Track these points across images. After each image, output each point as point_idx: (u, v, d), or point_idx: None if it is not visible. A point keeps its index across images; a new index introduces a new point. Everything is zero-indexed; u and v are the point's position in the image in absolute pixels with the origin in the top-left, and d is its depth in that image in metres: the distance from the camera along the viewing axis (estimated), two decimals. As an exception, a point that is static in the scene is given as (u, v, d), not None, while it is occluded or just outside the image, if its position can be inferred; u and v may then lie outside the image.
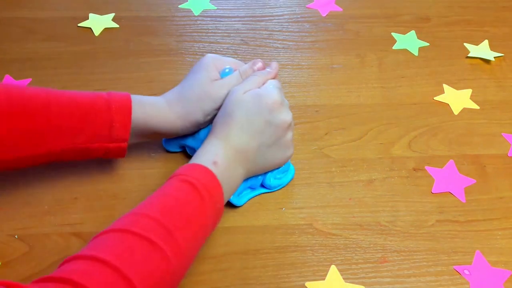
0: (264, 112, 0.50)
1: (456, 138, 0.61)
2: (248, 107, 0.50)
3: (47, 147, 0.49)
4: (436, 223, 0.54)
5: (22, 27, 0.72)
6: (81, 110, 0.49)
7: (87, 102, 0.50)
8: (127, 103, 0.51)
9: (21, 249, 0.50)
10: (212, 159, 0.48)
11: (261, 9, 0.76)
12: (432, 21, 0.75)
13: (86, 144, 0.50)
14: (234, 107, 0.50)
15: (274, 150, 0.52)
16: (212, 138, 0.51)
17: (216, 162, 0.48)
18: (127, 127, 0.50)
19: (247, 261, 0.50)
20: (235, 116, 0.50)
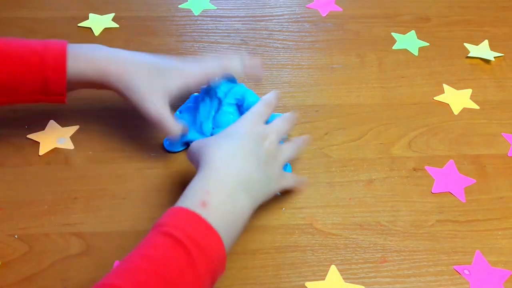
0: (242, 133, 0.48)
1: (456, 138, 0.61)
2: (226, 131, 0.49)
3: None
4: (436, 223, 0.54)
5: (22, 27, 0.72)
6: (15, 68, 0.50)
7: (21, 58, 0.50)
8: (62, 59, 0.50)
9: (21, 249, 0.50)
10: (200, 199, 0.41)
11: (261, 9, 0.76)
12: (432, 21, 0.75)
13: (24, 98, 0.52)
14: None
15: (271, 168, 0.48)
16: (199, 170, 0.44)
17: (206, 203, 0.40)
18: (63, 85, 0.51)
19: (247, 261, 0.50)
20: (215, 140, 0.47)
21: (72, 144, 0.59)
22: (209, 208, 0.40)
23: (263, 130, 0.49)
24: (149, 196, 0.55)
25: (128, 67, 0.52)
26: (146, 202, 0.54)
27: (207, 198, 0.41)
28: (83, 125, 0.60)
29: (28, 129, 0.59)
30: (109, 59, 0.52)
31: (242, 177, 0.44)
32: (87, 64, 0.52)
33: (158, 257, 0.37)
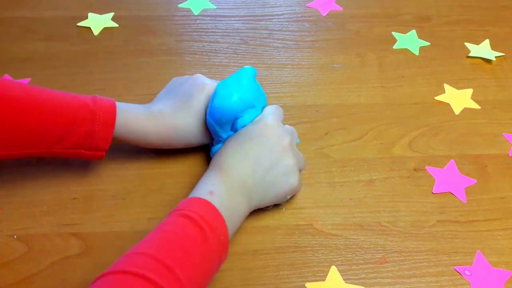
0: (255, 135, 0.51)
1: (457, 138, 0.61)
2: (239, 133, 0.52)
3: (22, 150, 0.49)
4: (437, 223, 0.54)
5: (21, 26, 0.71)
6: (65, 118, 0.49)
7: (72, 110, 0.49)
8: (112, 116, 0.50)
9: (20, 249, 0.50)
10: (209, 189, 0.47)
11: (261, 9, 0.76)
12: (433, 20, 0.75)
13: (63, 150, 0.50)
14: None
15: (274, 174, 0.50)
16: (208, 169, 0.50)
17: (213, 192, 0.46)
18: (108, 140, 0.51)
19: (247, 262, 0.50)
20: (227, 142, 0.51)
21: (72, 144, 0.58)
22: (215, 197, 0.46)
23: (277, 132, 0.51)
24: (149, 196, 0.55)
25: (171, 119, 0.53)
26: (146, 202, 0.54)
27: (213, 189, 0.47)
28: (83, 125, 0.60)
29: (27, 129, 0.59)
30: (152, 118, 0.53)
31: (239, 181, 0.49)
32: (136, 124, 0.52)
33: (179, 232, 0.42)
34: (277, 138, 0.51)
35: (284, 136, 0.51)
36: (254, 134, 0.51)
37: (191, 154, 0.58)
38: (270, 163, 0.50)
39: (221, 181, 0.48)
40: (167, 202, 0.54)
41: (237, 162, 0.49)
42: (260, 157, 0.50)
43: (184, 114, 0.54)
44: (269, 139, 0.50)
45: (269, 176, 0.50)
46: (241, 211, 0.49)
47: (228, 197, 0.47)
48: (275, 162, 0.50)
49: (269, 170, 0.49)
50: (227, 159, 0.50)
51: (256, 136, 0.51)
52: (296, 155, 0.52)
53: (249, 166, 0.49)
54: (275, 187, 0.50)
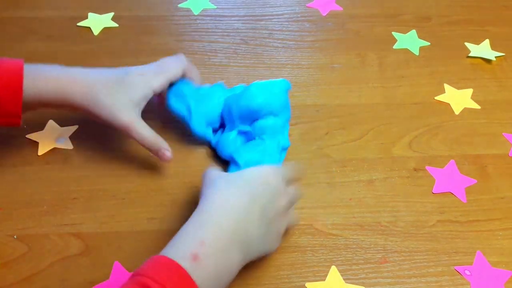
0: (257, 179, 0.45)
1: (457, 138, 0.61)
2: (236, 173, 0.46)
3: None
4: (437, 223, 0.54)
5: (21, 26, 0.71)
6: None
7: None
8: (17, 78, 0.48)
9: (20, 249, 0.50)
10: (192, 250, 0.37)
11: (261, 8, 0.76)
12: (433, 20, 0.75)
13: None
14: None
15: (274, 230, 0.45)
16: (197, 214, 0.42)
17: (198, 256, 0.37)
18: (18, 103, 0.48)
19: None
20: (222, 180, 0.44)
21: (72, 144, 0.58)
22: (200, 262, 0.37)
23: (283, 187, 0.46)
24: (149, 196, 0.55)
25: (91, 85, 0.51)
26: (145, 202, 0.54)
27: (200, 250, 0.38)
28: (82, 125, 0.60)
29: (27, 129, 0.59)
30: (69, 78, 0.51)
31: (239, 233, 0.41)
32: (46, 83, 0.50)
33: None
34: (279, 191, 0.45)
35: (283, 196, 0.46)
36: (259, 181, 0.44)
37: (191, 154, 0.58)
38: (273, 215, 0.44)
39: (213, 234, 0.39)
40: (167, 202, 0.54)
41: (243, 208, 0.42)
42: (266, 206, 0.43)
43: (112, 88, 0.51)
44: (273, 189, 0.44)
45: (269, 230, 0.44)
46: (233, 271, 0.41)
47: (219, 256, 0.39)
48: (277, 216, 0.45)
49: (271, 223, 0.44)
50: (227, 200, 0.42)
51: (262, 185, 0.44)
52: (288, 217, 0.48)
53: (256, 213, 0.42)
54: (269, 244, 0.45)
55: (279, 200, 0.45)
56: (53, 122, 0.60)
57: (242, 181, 0.44)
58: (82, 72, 0.53)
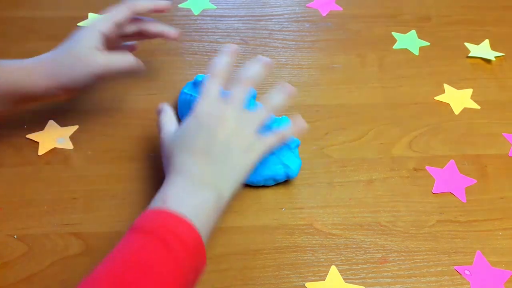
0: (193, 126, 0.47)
1: (456, 138, 0.61)
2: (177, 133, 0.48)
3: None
4: (437, 223, 0.54)
5: (22, 26, 0.71)
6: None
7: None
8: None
9: (20, 249, 0.50)
10: (161, 198, 0.42)
11: (261, 9, 0.76)
12: (433, 20, 0.75)
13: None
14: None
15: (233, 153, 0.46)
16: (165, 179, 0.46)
17: (165, 200, 0.42)
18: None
19: (247, 262, 0.50)
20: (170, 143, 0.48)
21: (72, 144, 0.58)
22: (170, 202, 0.41)
23: (212, 113, 0.47)
24: (149, 196, 0.55)
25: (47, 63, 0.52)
26: (146, 202, 0.54)
27: (166, 196, 0.43)
28: (83, 125, 0.60)
29: (27, 129, 0.59)
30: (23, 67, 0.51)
31: (194, 179, 0.44)
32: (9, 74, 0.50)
33: (133, 249, 0.38)
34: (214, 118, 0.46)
35: (221, 111, 0.46)
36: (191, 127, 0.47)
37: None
38: (220, 145, 0.45)
39: (175, 188, 0.44)
40: (167, 202, 0.54)
41: (187, 162, 0.45)
42: (208, 145, 0.45)
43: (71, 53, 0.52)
44: (207, 124, 0.46)
45: (227, 158, 0.46)
46: (211, 206, 0.44)
47: (187, 199, 0.43)
48: (224, 143, 0.46)
49: (224, 152, 0.45)
50: (176, 163, 0.46)
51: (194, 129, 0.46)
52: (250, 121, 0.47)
53: (202, 158, 0.45)
54: (240, 166, 0.46)
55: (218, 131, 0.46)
56: (53, 122, 0.60)
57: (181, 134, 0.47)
58: (30, 61, 0.52)
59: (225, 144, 0.46)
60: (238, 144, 0.46)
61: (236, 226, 0.53)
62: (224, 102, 0.47)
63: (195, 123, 0.47)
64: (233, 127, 0.46)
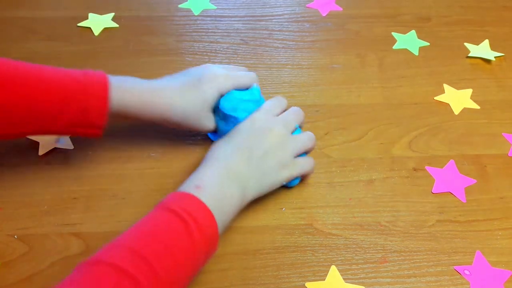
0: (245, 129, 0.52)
1: (456, 138, 0.61)
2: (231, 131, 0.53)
3: (19, 130, 0.49)
4: (437, 223, 0.54)
5: (22, 26, 0.71)
6: (56, 96, 0.48)
7: (63, 87, 0.48)
8: (104, 89, 0.49)
9: (21, 249, 0.50)
10: (195, 184, 0.46)
11: (261, 9, 0.76)
12: (433, 20, 0.75)
13: (60, 128, 0.49)
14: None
15: (269, 164, 0.51)
16: (200, 164, 0.50)
17: (200, 186, 0.46)
18: (103, 115, 0.49)
19: (247, 261, 0.50)
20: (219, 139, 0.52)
21: (72, 144, 0.59)
22: (202, 190, 0.45)
23: (266, 123, 0.52)
24: (149, 196, 0.55)
25: (172, 96, 0.53)
26: (146, 202, 0.54)
27: (200, 183, 0.46)
28: (83, 125, 0.60)
29: (28, 129, 0.59)
30: (152, 92, 0.52)
31: (230, 171, 0.48)
32: (132, 97, 0.51)
33: (161, 225, 0.42)
34: (266, 128, 0.52)
35: (274, 124, 0.52)
36: (244, 128, 0.52)
37: (191, 154, 0.58)
38: (263, 152, 0.50)
39: (211, 173, 0.48)
40: (167, 202, 0.54)
41: (229, 154, 0.50)
42: (253, 147, 0.50)
43: (190, 94, 0.53)
44: (258, 129, 0.52)
45: (264, 165, 0.50)
46: (235, 203, 0.48)
47: (218, 189, 0.47)
48: (267, 151, 0.50)
49: (263, 158, 0.50)
50: (219, 152, 0.50)
51: (246, 130, 0.52)
52: (292, 143, 0.52)
53: (243, 156, 0.50)
54: (271, 176, 0.51)
55: (267, 137, 0.51)
56: (54, 122, 0.60)
57: (232, 134, 0.52)
58: (160, 84, 0.54)
59: (267, 153, 0.50)
60: (276, 158, 0.51)
61: (236, 226, 0.53)
62: (278, 120, 0.53)
63: (248, 126, 0.52)
64: (279, 142, 0.51)
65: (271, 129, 0.52)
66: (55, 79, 0.49)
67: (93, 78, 0.49)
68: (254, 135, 0.51)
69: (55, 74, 0.49)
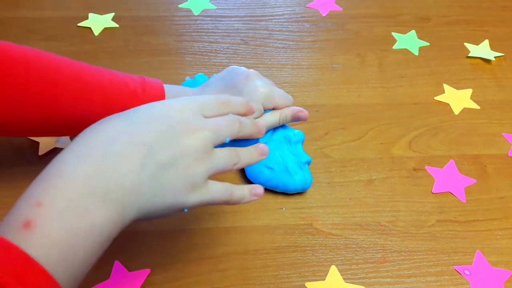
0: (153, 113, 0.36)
1: (456, 138, 0.61)
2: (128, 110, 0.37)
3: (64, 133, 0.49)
4: (437, 223, 0.54)
5: (22, 26, 0.71)
6: (114, 107, 0.45)
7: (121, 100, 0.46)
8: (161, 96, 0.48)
9: (21, 249, 0.50)
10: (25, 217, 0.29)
11: (261, 9, 0.76)
12: (433, 20, 0.75)
13: None
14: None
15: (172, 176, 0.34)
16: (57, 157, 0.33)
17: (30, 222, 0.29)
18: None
19: (247, 261, 0.50)
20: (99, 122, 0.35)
21: (72, 144, 0.58)
22: (35, 230, 0.29)
23: (193, 120, 0.36)
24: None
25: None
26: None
27: (36, 213, 0.30)
28: (83, 125, 0.60)
29: (28, 129, 0.59)
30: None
31: (103, 183, 0.32)
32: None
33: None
34: (188, 127, 0.35)
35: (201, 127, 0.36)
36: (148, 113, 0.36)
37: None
38: (170, 158, 0.34)
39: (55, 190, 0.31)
40: (167, 202, 0.54)
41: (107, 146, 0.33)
42: (155, 146, 0.34)
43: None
44: (174, 124, 0.35)
45: (165, 178, 0.34)
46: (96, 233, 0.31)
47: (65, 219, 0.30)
48: (176, 159, 0.34)
49: (167, 168, 0.34)
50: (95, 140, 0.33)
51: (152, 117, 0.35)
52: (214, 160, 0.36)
53: (135, 154, 0.33)
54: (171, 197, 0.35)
55: (185, 138, 0.35)
56: (54, 122, 0.60)
57: (129, 116, 0.35)
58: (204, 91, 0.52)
59: (175, 161, 0.34)
60: (187, 173, 0.35)
61: (236, 226, 0.53)
62: (209, 124, 0.37)
63: (158, 112, 0.36)
64: (199, 151, 0.35)
65: (193, 131, 0.35)
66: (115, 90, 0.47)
67: (150, 93, 0.47)
68: (164, 129, 0.35)
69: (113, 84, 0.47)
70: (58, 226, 0.29)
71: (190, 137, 0.35)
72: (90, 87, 0.45)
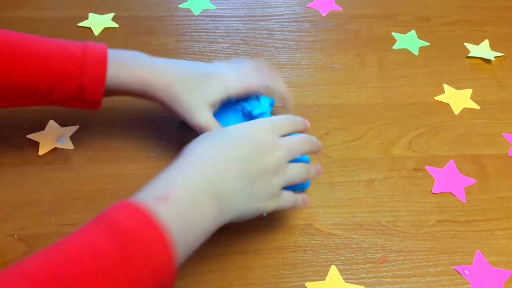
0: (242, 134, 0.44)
1: (456, 138, 0.61)
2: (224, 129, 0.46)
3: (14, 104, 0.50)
4: (437, 223, 0.54)
5: (22, 26, 0.71)
6: (52, 72, 0.47)
7: (59, 64, 0.47)
8: (101, 68, 0.48)
9: (21, 249, 0.50)
10: (159, 193, 0.37)
11: (261, 9, 0.76)
12: (433, 21, 0.75)
13: (56, 103, 0.50)
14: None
15: (258, 187, 0.43)
16: (172, 165, 0.41)
17: (164, 198, 0.36)
18: (100, 94, 0.49)
19: (247, 261, 0.50)
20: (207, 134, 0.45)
21: (72, 144, 0.59)
22: (167, 204, 0.36)
23: (272, 141, 0.44)
24: (149, 196, 0.55)
25: (171, 79, 0.51)
26: (146, 202, 0.54)
27: (166, 193, 0.37)
28: (83, 125, 0.60)
29: (28, 129, 0.59)
30: (151, 70, 0.51)
31: (213, 184, 0.40)
32: (129, 74, 0.50)
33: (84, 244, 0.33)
34: (268, 146, 0.44)
35: (278, 146, 0.44)
36: (240, 135, 0.44)
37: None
38: (259, 171, 0.42)
39: (184, 182, 0.39)
40: (167, 202, 0.54)
41: (215, 160, 0.41)
42: (248, 161, 0.42)
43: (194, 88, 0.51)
44: (259, 143, 0.44)
45: (255, 187, 0.42)
46: (205, 224, 0.39)
47: (189, 206, 0.38)
48: (263, 172, 0.43)
49: (256, 179, 0.42)
50: (199, 153, 0.41)
51: (243, 138, 0.44)
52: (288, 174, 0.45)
53: (234, 167, 0.41)
54: (258, 203, 0.43)
55: (266, 155, 0.43)
56: (54, 122, 0.60)
57: (224, 135, 0.44)
58: (164, 66, 0.52)
59: (263, 173, 0.42)
60: (269, 184, 0.43)
61: (236, 226, 0.53)
62: (284, 143, 0.45)
63: (246, 134, 0.44)
64: (276, 166, 0.44)
65: (272, 150, 0.44)
66: (53, 55, 0.48)
67: (93, 56, 0.48)
68: (252, 147, 0.43)
69: (51, 48, 0.48)
70: (183, 206, 0.37)
71: (270, 155, 0.43)
72: (26, 55, 0.47)
